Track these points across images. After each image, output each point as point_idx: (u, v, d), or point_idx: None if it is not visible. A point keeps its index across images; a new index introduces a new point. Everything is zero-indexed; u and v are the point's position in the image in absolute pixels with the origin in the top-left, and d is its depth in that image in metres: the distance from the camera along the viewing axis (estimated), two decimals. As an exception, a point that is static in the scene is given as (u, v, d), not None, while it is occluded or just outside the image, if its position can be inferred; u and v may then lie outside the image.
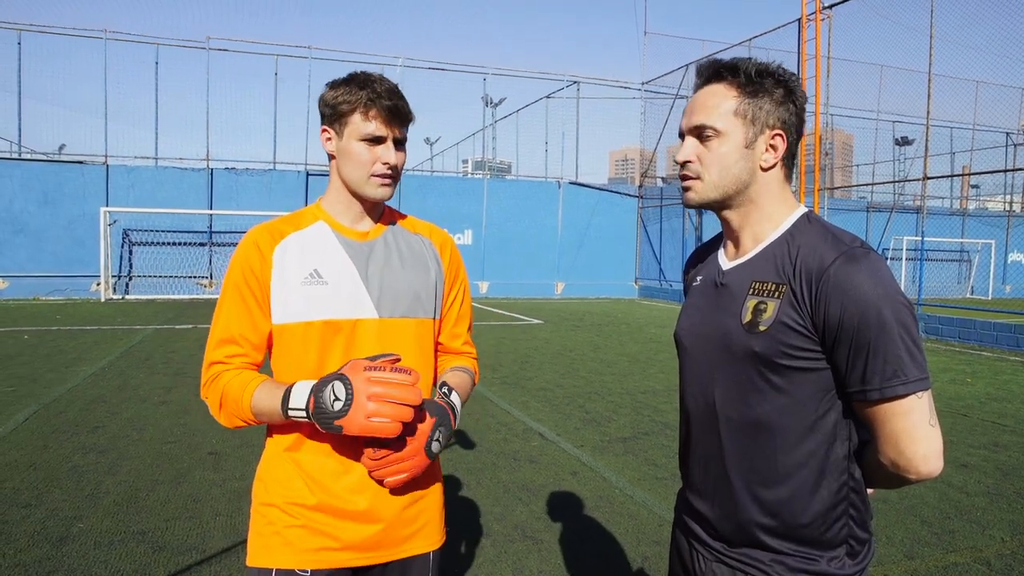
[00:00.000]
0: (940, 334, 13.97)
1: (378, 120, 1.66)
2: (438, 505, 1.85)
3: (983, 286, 27.14)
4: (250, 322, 1.69)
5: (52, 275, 19.19)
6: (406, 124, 1.73)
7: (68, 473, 4.95)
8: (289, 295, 1.68)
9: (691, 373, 1.56)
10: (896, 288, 1.30)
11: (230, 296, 1.70)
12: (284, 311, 1.68)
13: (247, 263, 1.69)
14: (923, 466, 1.31)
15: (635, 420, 6.90)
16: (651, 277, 24.73)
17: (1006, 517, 4.50)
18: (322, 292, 1.68)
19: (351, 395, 1.46)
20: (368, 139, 1.67)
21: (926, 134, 15.02)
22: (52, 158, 20.15)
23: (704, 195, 1.47)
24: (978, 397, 8.35)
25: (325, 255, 1.72)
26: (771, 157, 1.44)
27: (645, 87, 25.26)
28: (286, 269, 1.69)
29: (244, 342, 1.70)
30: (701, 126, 1.44)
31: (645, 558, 3.85)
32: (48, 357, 9.67)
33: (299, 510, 1.68)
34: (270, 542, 1.69)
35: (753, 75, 1.42)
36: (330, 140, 1.72)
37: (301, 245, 1.72)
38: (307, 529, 1.68)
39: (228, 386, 1.65)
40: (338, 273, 1.71)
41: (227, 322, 1.70)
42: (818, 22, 16.55)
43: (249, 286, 1.69)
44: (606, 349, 11.77)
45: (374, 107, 1.65)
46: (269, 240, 1.71)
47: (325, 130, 1.73)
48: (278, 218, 1.78)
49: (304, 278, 1.69)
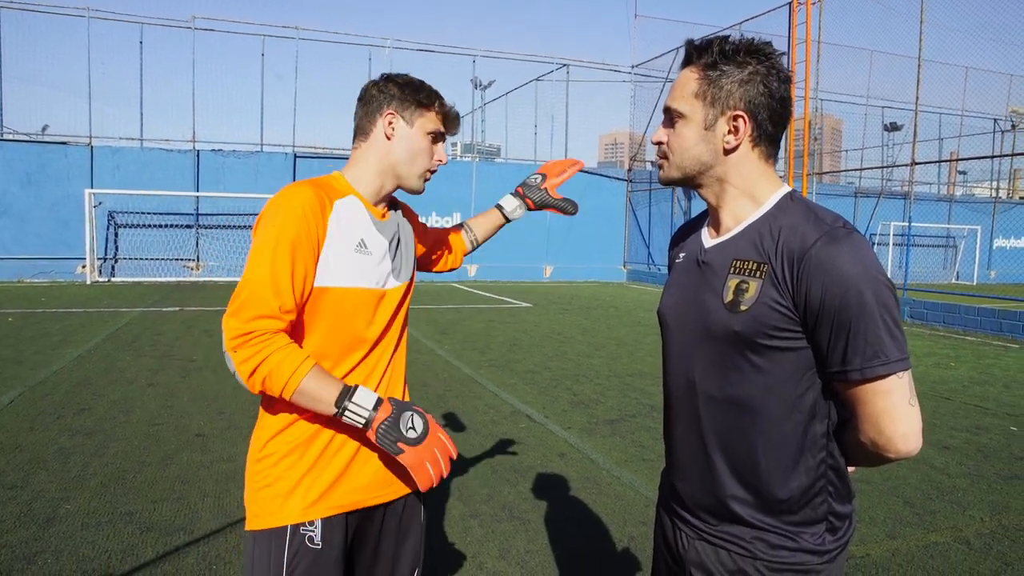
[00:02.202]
0: (925, 319, 14.08)
1: (448, 122, 1.87)
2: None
3: (968, 271, 27.33)
4: (301, 283, 1.67)
5: (37, 257, 19.02)
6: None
7: (54, 455, 4.94)
8: (338, 260, 1.73)
9: (673, 351, 1.57)
10: (878, 268, 1.30)
11: (286, 245, 1.63)
12: (330, 275, 1.72)
13: (306, 223, 1.66)
14: (902, 445, 1.32)
15: (622, 402, 6.93)
16: (640, 261, 24.78)
17: (986, 498, 4.57)
18: (368, 261, 1.78)
19: (427, 432, 1.64)
20: (435, 135, 1.85)
21: (915, 120, 15.05)
22: (35, 139, 19.91)
23: (668, 174, 1.52)
24: (961, 381, 8.44)
25: (366, 227, 1.81)
26: (732, 139, 1.43)
27: (635, 70, 25.20)
28: (340, 232, 1.74)
29: (293, 299, 1.65)
30: (669, 109, 1.48)
31: (631, 538, 3.89)
32: (33, 339, 9.61)
33: (299, 452, 1.75)
34: (269, 505, 1.73)
35: (717, 54, 1.41)
36: (392, 124, 1.81)
37: (347, 212, 1.78)
38: (310, 476, 1.74)
39: (276, 357, 1.60)
40: (376, 246, 1.82)
41: (277, 280, 1.62)
42: (808, 6, 16.52)
43: (309, 239, 1.67)
44: (594, 332, 11.81)
45: (449, 111, 1.87)
46: (322, 205, 1.72)
47: (392, 113, 1.80)
48: (309, 182, 1.78)
49: (355, 246, 1.76)
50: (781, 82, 1.42)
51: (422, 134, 1.82)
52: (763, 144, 1.45)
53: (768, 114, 1.43)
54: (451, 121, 1.88)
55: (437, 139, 1.87)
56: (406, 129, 1.81)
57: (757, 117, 1.42)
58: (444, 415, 6.22)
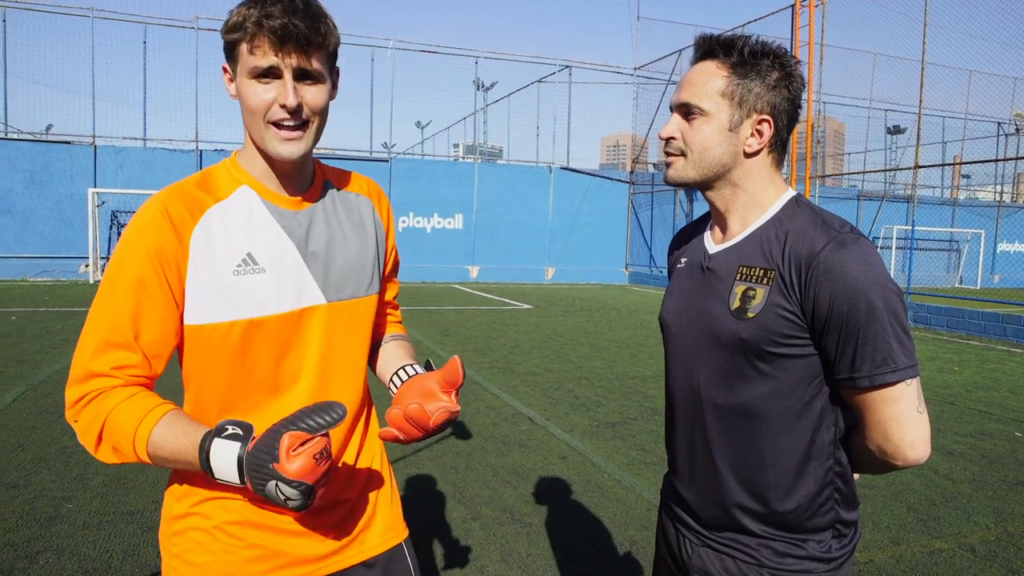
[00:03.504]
0: (928, 323, 14.05)
1: (264, 46, 1.25)
2: (388, 492, 1.62)
3: (972, 275, 27.29)
4: (155, 322, 1.30)
5: (40, 256, 19.04)
6: (313, 49, 1.28)
7: (57, 454, 4.93)
8: (214, 289, 1.32)
9: (676, 357, 1.55)
10: (886, 274, 1.29)
11: (125, 287, 1.28)
12: (206, 309, 1.32)
13: (158, 246, 1.29)
14: (910, 452, 1.31)
15: (624, 405, 6.92)
16: (641, 263, 24.75)
17: (991, 504, 4.55)
18: (259, 282, 1.34)
19: (311, 494, 1.13)
20: (258, 74, 1.28)
21: (918, 123, 15.04)
22: (39, 138, 19.93)
23: (684, 174, 1.45)
24: (965, 385, 8.42)
25: (257, 233, 1.36)
26: (755, 143, 1.41)
27: (637, 72, 25.17)
28: (210, 255, 1.32)
29: (139, 349, 1.29)
30: (687, 104, 1.42)
31: (633, 542, 3.88)
32: (36, 338, 9.61)
33: (231, 529, 1.40)
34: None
35: (747, 55, 1.38)
36: (232, 82, 1.34)
37: (225, 222, 1.35)
38: (245, 552, 1.40)
39: (116, 412, 1.25)
40: (277, 256, 1.37)
41: (118, 320, 1.28)
42: (812, 8, 16.50)
43: (158, 276, 1.28)
44: (596, 334, 11.79)
45: (261, 31, 1.24)
46: (186, 216, 1.32)
47: (224, 67, 1.35)
48: (187, 181, 1.38)
49: (236, 266, 1.33)
50: (800, 90, 1.41)
51: (248, 79, 1.28)
52: (777, 150, 1.45)
53: (787, 120, 1.42)
54: (269, 42, 1.24)
55: (264, 76, 1.27)
56: (240, 81, 1.31)
57: (778, 123, 1.41)
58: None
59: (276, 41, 1.24)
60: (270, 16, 1.23)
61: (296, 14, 1.24)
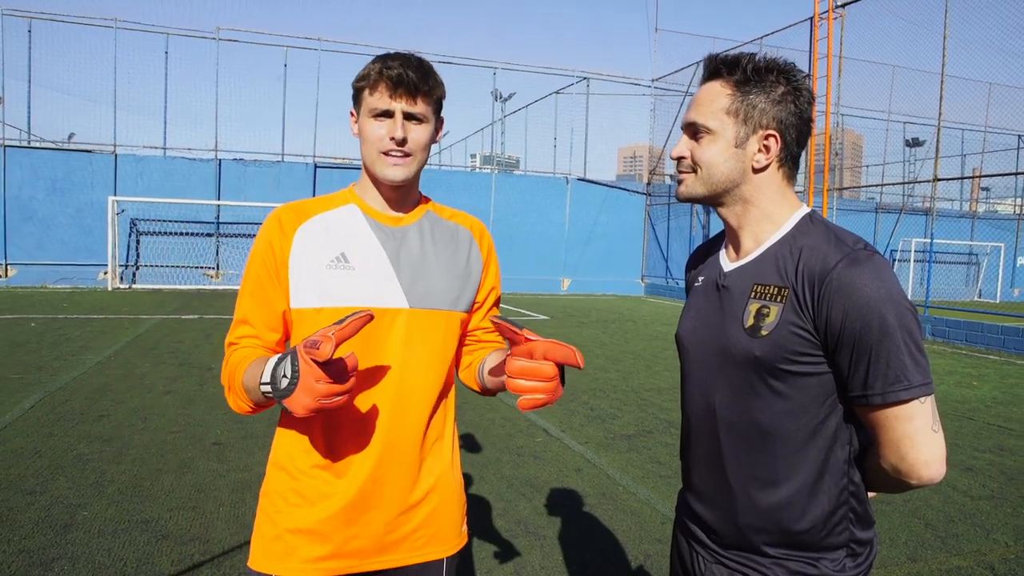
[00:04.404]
0: (947, 336, 13.91)
1: (382, 92, 1.55)
2: (453, 502, 1.75)
3: (991, 289, 26.99)
4: (265, 302, 1.61)
5: (60, 263, 19.27)
6: (420, 96, 1.57)
7: (73, 461, 4.98)
8: (310, 279, 1.59)
9: (692, 376, 1.55)
10: (900, 291, 1.28)
11: (250, 274, 1.64)
12: (303, 295, 1.60)
13: (268, 241, 1.62)
14: (924, 471, 1.30)
15: (640, 417, 6.89)
16: (658, 275, 24.70)
17: (1010, 522, 4.49)
18: (347, 278, 1.59)
19: (297, 376, 1.28)
20: (376, 114, 1.57)
21: (937, 135, 14.94)
22: (61, 146, 20.18)
23: (693, 190, 1.47)
24: (984, 400, 8.32)
25: (354, 238, 1.63)
26: (763, 158, 1.41)
27: (655, 84, 25.18)
28: (309, 251, 1.60)
29: (258, 322, 1.62)
30: (694, 123, 1.43)
31: (647, 556, 3.85)
32: (55, 345, 9.71)
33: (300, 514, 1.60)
34: (271, 548, 1.62)
35: (750, 72, 1.39)
36: (355, 121, 1.65)
37: (327, 226, 1.64)
38: (311, 535, 1.59)
39: (230, 364, 1.58)
40: (368, 259, 1.61)
41: (244, 301, 1.64)
42: (830, 21, 16.47)
43: (266, 265, 1.61)
44: (611, 346, 11.76)
45: (381, 80, 1.55)
46: (293, 218, 1.63)
47: (351, 112, 1.66)
48: (308, 199, 1.71)
49: (329, 261, 1.59)
50: (808, 103, 1.42)
51: (368, 118, 1.58)
52: (787, 165, 1.44)
53: (796, 135, 1.42)
54: (386, 88, 1.55)
55: (381, 116, 1.57)
56: (361, 120, 1.61)
57: (786, 137, 1.41)
58: (460, 428, 6.21)
59: (392, 87, 1.54)
60: (390, 68, 1.54)
61: (410, 67, 1.54)
